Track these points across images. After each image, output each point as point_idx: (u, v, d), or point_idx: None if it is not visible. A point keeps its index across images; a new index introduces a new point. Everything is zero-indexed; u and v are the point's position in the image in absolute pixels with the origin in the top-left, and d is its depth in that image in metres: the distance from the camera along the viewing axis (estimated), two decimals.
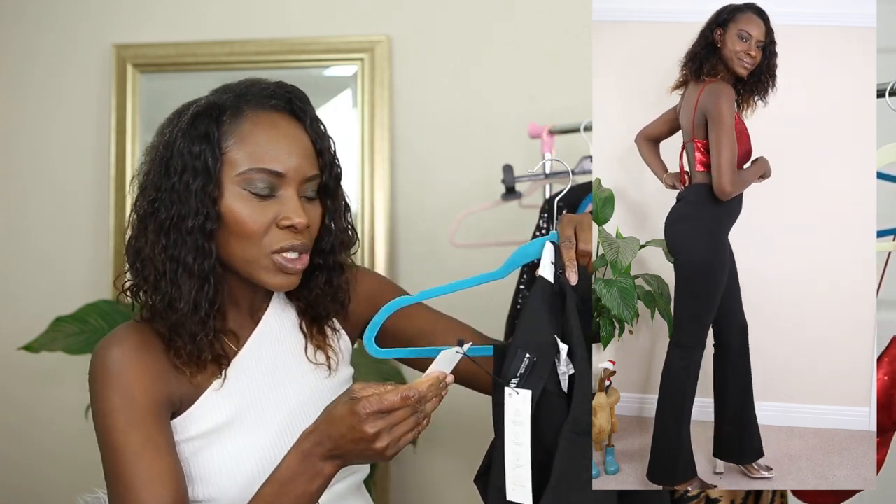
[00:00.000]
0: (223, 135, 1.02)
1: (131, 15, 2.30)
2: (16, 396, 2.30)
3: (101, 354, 1.02)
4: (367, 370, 1.97)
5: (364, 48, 2.22)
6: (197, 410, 1.04)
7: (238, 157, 1.01)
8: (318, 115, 1.09)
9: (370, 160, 2.21)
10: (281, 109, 1.05)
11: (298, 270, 1.04)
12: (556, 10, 2.19)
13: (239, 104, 1.04)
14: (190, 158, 1.00)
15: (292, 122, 1.06)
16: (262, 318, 1.13)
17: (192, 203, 0.99)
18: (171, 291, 1.00)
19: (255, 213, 1.01)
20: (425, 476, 2.24)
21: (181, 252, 1.00)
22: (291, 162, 1.02)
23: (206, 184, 0.99)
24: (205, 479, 1.02)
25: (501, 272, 1.05)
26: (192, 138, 1.00)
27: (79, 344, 1.90)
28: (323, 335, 1.16)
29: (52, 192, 2.32)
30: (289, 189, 1.02)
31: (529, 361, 0.96)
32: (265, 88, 1.07)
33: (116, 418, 0.98)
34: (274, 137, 1.02)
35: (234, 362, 1.08)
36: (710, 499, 1.35)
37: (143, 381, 1.00)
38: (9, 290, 2.32)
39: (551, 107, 2.14)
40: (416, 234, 2.23)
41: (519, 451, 0.94)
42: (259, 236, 1.01)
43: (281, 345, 1.13)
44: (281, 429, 1.07)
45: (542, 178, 1.77)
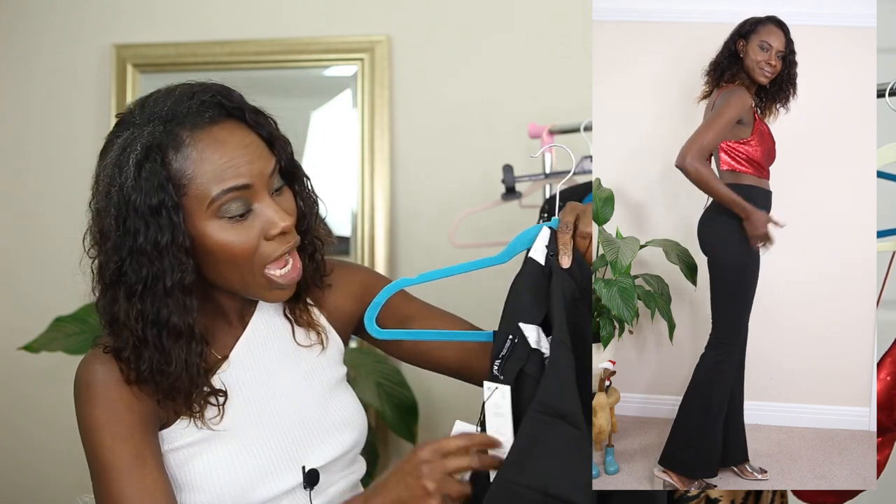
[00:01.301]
0: (174, 174, 0.94)
1: (131, 15, 2.30)
2: (16, 396, 2.30)
3: (83, 372, 1.01)
4: (368, 370, 1.98)
5: (364, 48, 2.22)
6: (188, 420, 1.02)
7: (200, 190, 0.95)
8: (249, 103, 1.02)
9: (370, 160, 2.21)
10: (217, 118, 0.97)
11: (293, 279, 1.02)
12: (556, 10, 2.19)
13: (175, 133, 0.95)
14: (149, 214, 0.93)
15: (233, 126, 0.98)
16: (250, 322, 1.11)
17: (165, 261, 0.94)
18: (158, 357, 0.96)
19: (240, 235, 0.97)
20: None
21: (162, 314, 0.95)
22: (252, 168, 0.97)
23: (175, 237, 0.94)
24: (199, 486, 1.01)
25: (502, 258, 1.06)
26: (145, 192, 0.93)
27: (79, 344, 1.90)
28: (308, 314, 1.13)
29: (52, 192, 2.32)
30: (261, 196, 0.98)
31: (510, 343, 0.97)
32: (192, 102, 0.97)
33: (102, 435, 0.97)
34: (225, 152, 0.95)
35: (223, 373, 1.06)
36: (710, 499, 1.35)
37: (126, 398, 0.98)
38: (9, 290, 2.32)
39: (551, 107, 2.14)
40: (416, 233, 2.23)
41: (502, 442, 0.96)
42: (250, 256, 0.98)
43: (269, 350, 1.11)
44: (273, 430, 1.06)
45: (542, 178, 1.77)
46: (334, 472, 1.11)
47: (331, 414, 1.11)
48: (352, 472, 1.14)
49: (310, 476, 1.06)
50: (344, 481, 1.12)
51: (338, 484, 1.11)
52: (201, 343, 1.00)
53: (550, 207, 1.50)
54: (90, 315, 1.95)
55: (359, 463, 1.17)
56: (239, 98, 1.01)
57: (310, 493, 1.07)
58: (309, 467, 1.06)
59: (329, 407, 1.12)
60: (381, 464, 2.16)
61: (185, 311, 0.97)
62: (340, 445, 1.10)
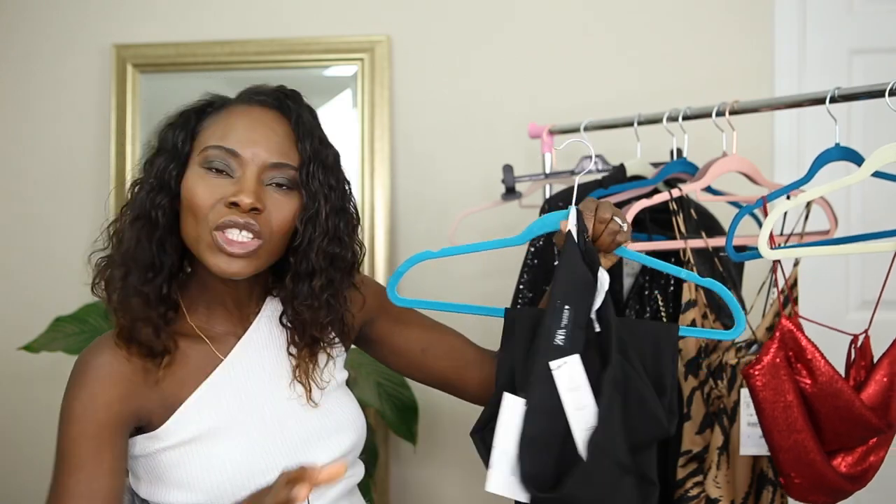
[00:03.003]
0: (201, 122, 1.06)
1: (131, 15, 2.30)
2: (16, 396, 2.30)
3: (81, 359, 1.03)
4: (368, 370, 1.98)
5: (364, 48, 2.22)
6: (181, 417, 1.03)
7: (204, 138, 1.04)
8: (313, 121, 1.07)
9: (370, 160, 2.21)
10: (266, 105, 1.07)
11: (237, 253, 1.00)
12: (557, 10, 2.19)
13: (228, 100, 1.08)
14: (165, 142, 1.05)
15: (274, 115, 1.06)
16: (253, 323, 1.11)
17: (153, 180, 1.03)
18: (126, 272, 1.02)
19: (207, 188, 1.01)
20: (425, 476, 2.24)
21: (134, 231, 1.03)
22: (251, 144, 1.01)
23: (171, 161, 1.03)
24: (194, 484, 1.01)
25: (520, 238, 1.11)
26: (175, 126, 1.05)
27: (79, 344, 1.90)
28: (313, 363, 1.11)
29: (52, 192, 2.32)
30: (246, 171, 1.01)
31: (569, 312, 1.00)
32: (263, 89, 1.08)
33: (71, 426, 0.99)
34: (243, 122, 1.03)
35: (219, 368, 1.07)
36: (710, 499, 1.35)
37: (109, 395, 1.00)
38: (9, 289, 2.33)
39: (551, 107, 2.14)
40: (416, 234, 2.23)
41: (584, 415, 0.97)
42: (205, 211, 1.00)
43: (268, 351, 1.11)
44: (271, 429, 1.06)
45: (542, 178, 1.77)
46: None
47: (330, 416, 1.11)
48: (350, 476, 1.14)
49: None
50: (342, 483, 1.12)
51: (336, 486, 1.11)
52: (168, 277, 1.04)
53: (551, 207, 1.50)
54: (90, 315, 1.95)
55: (357, 466, 1.18)
56: (302, 108, 1.07)
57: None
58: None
59: (328, 409, 1.12)
60: (381, 464, 2.16)
61: (158, 228, 1.03)
62: (339, 447, 1.10)
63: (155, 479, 1.03)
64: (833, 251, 1.27)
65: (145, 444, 1.03)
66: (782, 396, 1.22)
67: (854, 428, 1.23)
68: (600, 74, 2.17)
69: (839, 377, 1.22)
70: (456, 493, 2.24)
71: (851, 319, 2.05)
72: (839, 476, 1.25)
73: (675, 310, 1.47)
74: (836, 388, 1.21)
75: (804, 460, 1.23)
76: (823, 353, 1.23)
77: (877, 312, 1.31)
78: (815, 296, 2.06)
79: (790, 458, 1.23)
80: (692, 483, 1.37)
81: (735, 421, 1.34)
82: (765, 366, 1.22)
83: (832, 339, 1.33)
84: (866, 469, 1.28)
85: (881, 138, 1.38)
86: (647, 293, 1.51)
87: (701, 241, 1.43)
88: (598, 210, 1.07)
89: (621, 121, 1.65)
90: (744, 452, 1.32)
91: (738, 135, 1.49)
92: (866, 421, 1.22)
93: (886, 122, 1.28)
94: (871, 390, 1.24)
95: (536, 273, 1.53)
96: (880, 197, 2.06)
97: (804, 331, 1.25)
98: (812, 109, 1.46)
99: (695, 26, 2.15)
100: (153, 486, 1.03)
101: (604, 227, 1.07)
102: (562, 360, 0.98)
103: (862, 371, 1.28)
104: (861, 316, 2.05)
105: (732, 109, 1.44)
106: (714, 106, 1.46)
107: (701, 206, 1.59)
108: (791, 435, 1.22)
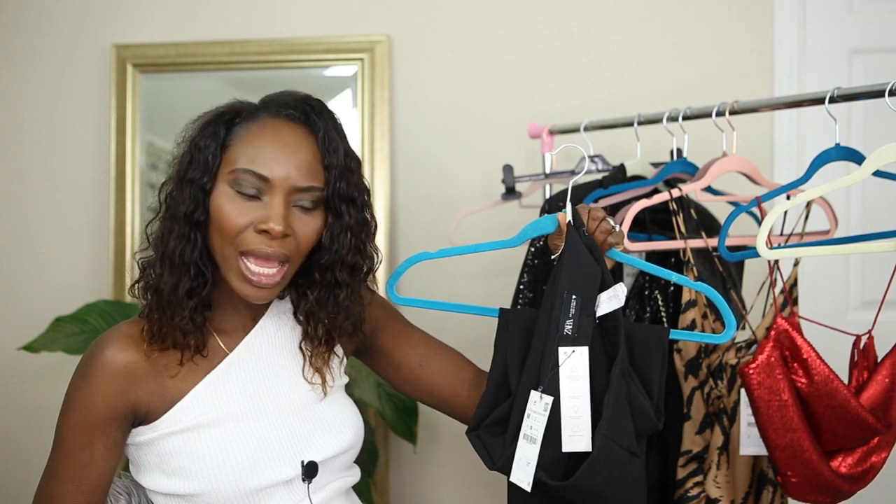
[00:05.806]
0: (230, 135, 1.06)
1: (131, 15, 2.30)
2: (16, 396, 2.30)
3: (92, 348, 1.06)
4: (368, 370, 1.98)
5: (364, 48, 2.22)
6: (184, 405, 1.05)
7: (235, 157, 1.04)
8: (337, 133, 1.08)
9: (370, 160, 2.21)
10: (294, 119, 1.07)
11: (265, 284, 1.04)
12: (557, 9, 2.19)
13: (256, 110, 1.08)
14: (197, 153, 1.04)
15: (302, 132, 1.06)
16: (261, 319, 1.14)
17: (187, 192, 1.03)
18: (162, 274, 1.04)
19: (236, 211, 1.02)
20: (425, 476, 2.24)
21: (170, 238, 1.04)
22: (281, 170, 1.02)
23: (203, 175, 1.03)
24: (195, 471, 1.03)
25: (514, 241, 1.13)
26: (205, 135, 1.05)
27: (79, 344, 1.90)
28: (321, 357, 1.14)
29: (52, 192, 2.31)
30: (275, 196, 1.02)
31: (577, 301, 1.02)
32: (289, 99, 1.08)
33: (71, 414, 1.04)
34: (273, 144, 1.03)
35: (225, 360, 1.09)
36: (710, 499, 1.35)
37: (110, 388, 1.02)
38: (9, 290, 2.32)
39: (551, 107, 2.14)
40: (416, 234, 2.23)
41: (577, 404, 1.00)
42: (234, 234, 1.02)
43: (274, 346, 1.13)
44: (272, 420, 1.08)
45: (542, 178, 1.77)
46: (331, 471, 1.12)
47: (330, 413, 1.13)
48: (349, 476, 1.16)
49: (308, 468, 1.08)
50: (340, 482, 1.14)
51: (334, 483, 1.13)
52: (194, 279, 1.05)
53: (551, 207, 1.50)
54: (90, 315, 1.95)
55: (355, 469, 1.20)
56: (326, 120, 1.07)
57: (308, 486, 1.08)
58: (307, 461, 1.08)
59: (329, 406, 1.14)
60: (381, 464, 2.16)
61: (187, 242, 1.03)
62: (339, 443, 1.12)
63: (155, 467, 1.06)
64: (833, 251, 1.27)
65: (147, 431, 1.06)
66: (777, 395, 1.22)
67: (851, 428, 1.23)
68: (600, 74, 2.17)
69: (835, 377, 1.22)
70: (456, 492, 2.23)
71: (852, 319, 2.06)
72: (836, 476, 1.25)
73: (676, 310, 1.47)
74: (831, 388, 1.21)
75: (800, 459, 1.23)
76: (819, 353, 1.23)
77: (879, 313, 1.31)
78: (815, 296, 2.06)
79: (786, 456, 1.23)
80: (692, 483, 1.37)
81: (735, 421, 1.34)
82: (759, 364, 1.23)
83: (833, 339, 1.33)
84: (867, 470, 1.28)
85: (881, 138, 1.38)
86: (647, 293, 1.51)
87: (701, 241, 1.43)
88: (591, 210, 1.13)
89: (621, 121, 1.65)
90: (744, 452, 1.32)
91: (738, 135, 1.49)
92: (863, 421, 1.22)
93: (886, 122, 1.29)
94: (872, 391, 1.24)
95: (537, 273, 1.53)
96: (880, 197, 2.06)
97: (801, 330, 1.25)
98: (812, 109, 1.47)
99: (695, 26, 2.15)
100: (154, 475, 1.05)
101: (597, 224, 1.11)
102: (570, 349, 1.00)
103: (864, 372, 1.28)
104: (861, 316, 2.06)
105: (732, 109, 1.44)
106: (714, 106, 1.46)
107: (701, 206, 1.59)
108: (787, 434, 1.22)
